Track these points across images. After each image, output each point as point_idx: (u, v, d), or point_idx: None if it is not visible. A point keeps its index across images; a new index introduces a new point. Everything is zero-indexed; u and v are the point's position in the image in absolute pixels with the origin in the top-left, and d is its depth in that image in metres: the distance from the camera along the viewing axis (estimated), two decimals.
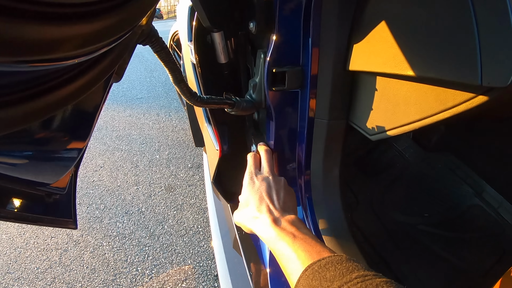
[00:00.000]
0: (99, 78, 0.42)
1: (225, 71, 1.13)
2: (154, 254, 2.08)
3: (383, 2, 0.71)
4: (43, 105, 0.35)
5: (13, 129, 0.33)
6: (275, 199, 0.77)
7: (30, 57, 0.25)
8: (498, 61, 0.54)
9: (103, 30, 0.31)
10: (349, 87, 0.87)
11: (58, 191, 0.67)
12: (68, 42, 0.27)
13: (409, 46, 0.66)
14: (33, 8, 0.23)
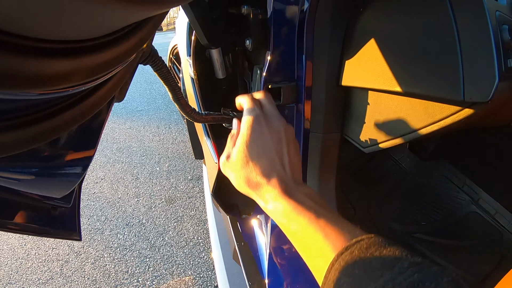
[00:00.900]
0: (102, 101, 0.44)
1: (223, 86, 1.15)
2: (155, 265, 2.10)
3: (372, 20, 0.74)
4: (51, 127, 0.38)
5: (24, 149, 0.36)
6: (287, 162, 0.60)
7: (43, 88, 0.28)
8: (480, 78, 0.57)
9: (110, 60, 0.34)
10: (343, 101, 0.90)
11: (64, 204, 0.69)
12: (78, 73, 0.30)
13: (397, 63, 0.69)
14: (47, 46, 0.26)
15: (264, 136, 0.59)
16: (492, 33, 0.56)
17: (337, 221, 0.48)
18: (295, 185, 0.57)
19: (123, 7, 0.24)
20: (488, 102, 0.57)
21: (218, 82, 1.14)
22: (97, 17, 0.25)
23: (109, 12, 0.25)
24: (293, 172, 0.59)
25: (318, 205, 0.52)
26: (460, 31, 0.58)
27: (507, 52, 0.60)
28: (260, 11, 0.85)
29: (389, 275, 0.37)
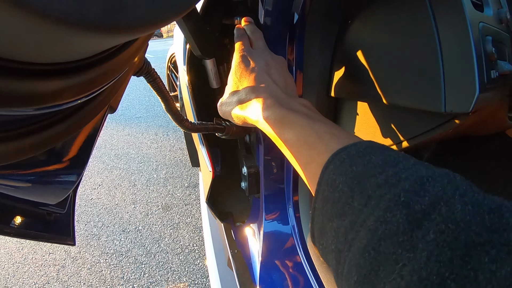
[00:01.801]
0: (94, 113, 0.46)
1: (217, 95, 1.17)
2: (150, 272, 2.11)
3: (359, 33, 0.76)
4: (45, 139, 0.40)
5: (19, 159, 0.38)
6: (277, 78, 0.60)
7: (36, 105, 0.30)
8: (461, 89, 0.59)
9: (100, 76, 0.36)
10: (333, 111, 0.91)
11: (59, 210, 0.71)
12: (69, 91, 0.32)
13: (382, 76, 0.71)
14: (38, 68, 0.28)
15: (249, 62, 0.62)
16: (474, 45, 0.58)
17: (333, 127, 0.46)
18: (289, 96, 0.56)
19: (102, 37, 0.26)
20: (469, 114, 0.59)
21: (212, 92, 1.16)
22: (81, 44, 0.28)
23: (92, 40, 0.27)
24: (286, 86, 0.60)
25: (313, 112, 0.51)
26: (442, 43, 0.60)
27: (490, 63, 0.62)
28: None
29: (392, 170, 0.32)
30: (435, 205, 0.27)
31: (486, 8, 0.71)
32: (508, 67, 0.66)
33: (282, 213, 1.05)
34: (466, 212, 0.26)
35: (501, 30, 0.74)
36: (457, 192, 0.28)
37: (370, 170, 0.34)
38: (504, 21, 0.75)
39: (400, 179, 0.31)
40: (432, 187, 0.29)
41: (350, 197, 0.33)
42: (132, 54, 0.40)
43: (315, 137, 0.44)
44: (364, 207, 0.31)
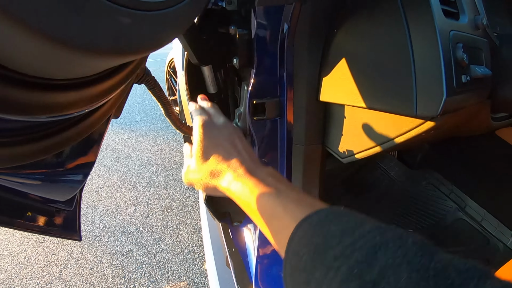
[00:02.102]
0: (101, 120, 0.52)
1: (214, 100, 1.21)
2: (151, 271, 2.15)
3: (344, 40, 0.81)
4: (57, 142, 0.45)
5: (34, 159, 0.43)
6: (242, 148, 0.63)
7: (53, 114, 0.36)
8: (430, 94, 0.64)
9: (109, 88, 0.41)
10: (323, 114, 0.96)
11: (66, 208, 0.76)
12: (82, 101, 0.38)
13: (362, 81, 0.76)
14: (56, 82, 0.34)
15: (214, 132, 0.63)
16: (442, 52, 0.63)
17: (298, 196, 0.49)
18: (255, 165, 0.58)
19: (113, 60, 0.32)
20: (438, 116, 0.64)
21: (210, 97, 1.19)
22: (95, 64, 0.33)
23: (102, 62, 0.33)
24: (250, 156, 0.62)
25: (279, 182, 0.53)
26: (415, 51, 0.65)
27: (461, 68, 0.67)
28: (246, 31, 0.91)
29: (348, 240, 0.35)
30: (384, 274, 0.29)
31: (462, 15, 0.76)
32: (482, 71, 0.71)
33: None
34: (412, 279, 0.28)
35: (477, 36, 0.78)
36: (405, 259, 0.30)
37: (329, 240, 0.37)
38: (480, 27, 0.79)
39: (354, 249, 0.33)
40: (383, 255, 0.31)
41: (312, 267, 0.36)
42: (135, 67, 0.45)
43: (281, 207, 0.47)
44: (324, 278, 0.34)
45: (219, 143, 0.62)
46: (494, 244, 1.47)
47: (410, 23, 0.66)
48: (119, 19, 0.29)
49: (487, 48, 0.83)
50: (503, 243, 1.46)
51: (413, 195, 1.76)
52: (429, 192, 1.75)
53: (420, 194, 1.76)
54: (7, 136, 0.38)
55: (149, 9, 0.33)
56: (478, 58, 0.78)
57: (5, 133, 0.38)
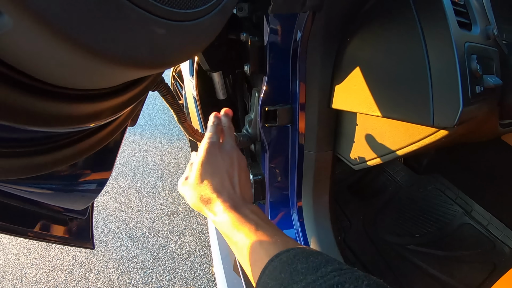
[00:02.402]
0: (119, 129, 0.52)
1: (224, 106, 1.22)
2: (157, 277, 2.14)
3: (358, 49, 0.82)
4: (77, 151, 0.45)
5: (56, 168, 0.43)
6: (237, 182, 0.66)
7: (81, 125, 0.36)
8: (446, 104, 0.64)
9: (133, 97, 0.42)
10: (334, 122, 0.96)
11: (80, 216, 0.76)
12: (106, 112, 0.38)
13: (377, 90, 0.76)
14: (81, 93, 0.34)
15: (217, 159, 0.67)
16: (458, 64, 0.63)
17: (274, 233, 0.54)
18: (242, 202, 0.63)
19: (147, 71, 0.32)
20: (454, 127, 0.65)
21: (219, 103, 1.20)
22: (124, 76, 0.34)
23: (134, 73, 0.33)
24: (242, 192, 0.66)
25: (260, 219, 0.58)
26: (431, 63, 0.66)
27: (475, 79, 0.68)
28: (258, 38, 0.91)
29: (311, 278, 0.41)
30: None
31: (474, 26, 0.77)
32: (494, 81, 0.72)
33: (286, 218, 1.09)
34: None
35: (488, 46, 0.79)
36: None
37: (294, 277, 0.42)
38: (491, 37, 0.80)
39: (315, 286, 0.39)
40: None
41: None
42: (158, 75, 0.45)
43: (258, 243, 0.52)
44: None
45: (217, 172, 0.65)
46: (500, 248, 1.47)
47: (426, 34, 0.66)
48: (156, 30, 0.30)
49: (497, 57, 0.83)
50: (509, 247, 1.46)
51: (419, 200, 1.77)
52: (435, 197, 1.76)
53: (426, 199, 1.76)
54: (25, 146, 0.38)
55: (183, 20, 0.33)
56: (490, 67, 0.78)
57: (23, 143, 0.38)
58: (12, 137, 0.37)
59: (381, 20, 0.76)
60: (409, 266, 1.46)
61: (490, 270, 1.39)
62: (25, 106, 0.29)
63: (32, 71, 0.28)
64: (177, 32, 0.33)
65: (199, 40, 0.38)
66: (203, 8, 0.36)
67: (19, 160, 0.38)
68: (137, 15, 0.27)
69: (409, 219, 1.68)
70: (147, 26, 0.29)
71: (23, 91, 0.29)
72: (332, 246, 1.07)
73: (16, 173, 0.38)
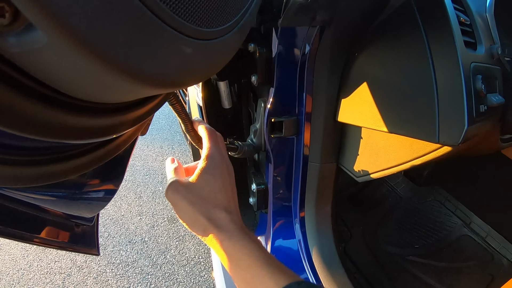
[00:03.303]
0: (131, 139, 0.53)
1: (228, 115, 1.23)
2: (156, 283, 2.13)
3: (366, 64, 0.83)
4: (88, 161, 0.46)
5: (68, 177, 0.44)
6: (233, 199, 0.61)
7: (100, 138, 0.37)
8: (452, 123, 0.66)
9: (149, 110, 0.43)
10: (339, 134, 0.97)
11: (86, 223, 0.77)
12: (125, 125, 0.39)
13: (383, 106, 0.78)
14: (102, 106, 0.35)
15: (224, 173, 0.61)
16: (464, 83, 0.65)
17: (280, 264, 0.53)
18: (237, 227, 0.57)
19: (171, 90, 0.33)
20: (459, 145, 0.66)
21: (224, 112, 1.21)
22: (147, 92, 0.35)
23: None
24: (233, 210, 0.60)
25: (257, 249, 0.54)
26: (438, 81, 0.67)
27: (479, 98, 0.69)
28: (266, 50, 0.92)
29: None
30: None
31: (479, 46, 0.78)
32: (497, 100, 0.73)
33: (289, 228, 1.10)
34: None
35: (492, 65, 0.80)
36: None
37: None
38: (495, 56, 0.82)
39: None
40: None
41: None
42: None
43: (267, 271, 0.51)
44: None
45: (225, 185, 0.60)
46: (498, 260, 1.48)
47: (434, 53, 0.68)
48: (184, 49, 0.30)
49: (500, 74, 0.85)
50: (508, 259, 1.48)
51: (419, 211, 1.78)
52: (435, 208, 1.77)
53: (426, 211, 1.77)
54: (37, 155, 0.39)
55: (208, 38, 0.34)
56: (493, 86, 0.80)
57: (34, 151, 0.39)
58: (23, 145, 0.37)
59: (390, 37, 0.77)
60: (408, 277, 1.46)
61: (488, 282, 1.40)
62: (49, 119, 0.30)
63: (59, 86, 0.29)
64: (202, 50, 0.34)
65: (220, 58, 0.39)
66: (225, 26, 0.37)
67: (30, 168, 0.38)
68: (168, 34, 0.28)
69: (409, 230, 1.68)
70: (177, 45, 0.30)
71: (47, 104, 0.29)
72: (334, 257, 1.07)
73: (27, 182, 0.38)
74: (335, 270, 1.04)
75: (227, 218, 0.56)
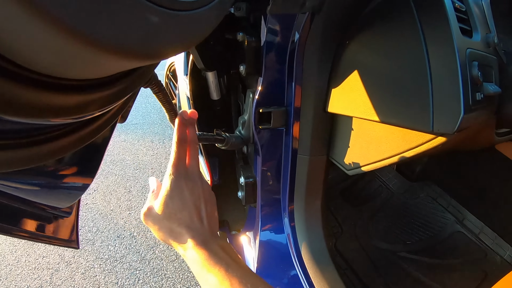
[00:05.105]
0: (108, 124, 0.50)
1: (217, 106, 1.20)
2: (145, 278, 2.11)
3: (357, 52, 0.80)
4: (61, 146, 0.43)
5: (36, 164, 0.41)
6: (204, 215, 0.64)
7: (66, 117, 0.34)
8: (447, 111, 0.63)
9: (121, 91, 0.39)
10: (329, 126, 0.95)
11: (64, 215, 0.74)
12: (93, 104, 0.36)
13: (376, 95, 0.75)
14: (66, 83, 0.32)
15: (184, 192, 0.63)
16: (460, 70, 0.62)
17: (244, 276, 0.54)
18: (211, 237, 0.61)
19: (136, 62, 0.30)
20: (454, 134, 0.63)
21: (212, 103, 1.19)
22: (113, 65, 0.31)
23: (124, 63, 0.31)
24: (210, 225, 0.64)
25: (230, 258, 0.58)
26: (432, 68, 0.65)
27: (476, 86, 0.67)
28: (254, 39, 0.90)
29: None
30: None
31: (475, 33, 0.76)
32: (493, 89, 0.71)
33: (277, 222, 1.08)
34: None
35: (488, 53, 0.78)
36: None
37: None
38: (491, 45, 0.79)
39: None
40: None
41: None
42: (148, 69, 0.43)
43: (228, 284, 0.53)
44: None
45: (185, 206, 0.63)
46: (491, 257, 1.48)
47: (428, 39, 0.65)
48: (150, 17, 0.28)
49: (496, 65, 0.82)
50: (500, 256, 1.47)
51: (411, 207, 1.77)
52: (428, 204, 1.76)
53: (418, 207, 1.76)
54: (8, 138, 0.36)
55: (182, 9, 0.31)
56: (489, 75, 0.78)
57: (6, 135, 0.36)
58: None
59: (382, 24, 0.75)
60: (400, 273, 1.45)
61: (481, 279, 1.39)
62: (6, 94, 0.27)
63: (13, 55, 0.26)
64: (171, 21, 0.31)
65: (194, 33, 0.36)
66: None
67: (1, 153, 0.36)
68: (131, 1, 0.25)
69: (401, 226, 1.67)
70: (141, 13, 0.27)
71: (4, 78, 0.27)
72: (324, 252, 1.05)
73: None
74: (324, 266, 1.02)
75: (188, 234, 0.60)
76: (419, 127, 0.69)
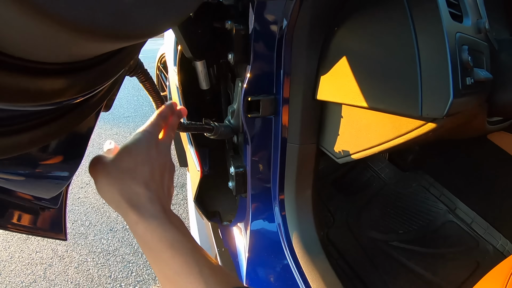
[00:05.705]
0: (90, 112, 0.48)
1: (207, 96, 1.19)
2: (138, 271, 2.11)
3: (345, 38, 0.80)
4: (43, 135, 0.41)
5: (16, 153, 0.40)
6: (166, 184, 0.56)
7: (41, 102, 0.33)
8: (436, 95, 0.62)
9: (100, 76, 0.38)
10: (319, 114, 0.94)
11: (51, 206, 0.73)
12: (71, 89, 0.35)
13: (364, 81, 0.74)
14: (45, 67, 0.30)
15: (151, 150, 0.54)
16: (449, 53, 0.62)
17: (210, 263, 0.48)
18: (170, 209, 0.53)
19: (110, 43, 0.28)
20: (444, 118, 0.63)
21: (202, 93, 1.18)
22: (88, 47, 0.30)
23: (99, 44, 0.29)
24: (169, 195, 0.57)
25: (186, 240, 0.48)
26: (421, 52, 0.64)
27: (466, 70, 0.66)
28: (242, 27, 0.89)
29: None
30: None
31: (466, 18, 0.75)
32: (484, 74, 0.70)
33: (268, 211, 1.08)
34: None
35: (479, 39, 0.78)
36: None
37: None
38: (482, 30, 0.79)
39: None
40: None
41: None
42: (128, 54, 0.42)
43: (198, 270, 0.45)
44: None
45: (148, 161, 0.53)
46: (483, 247, 1.49)
47: (417, 23, 0.64)
48: None
49: (488, 51, 0.82)
50: (493, 245, 1.48)
51: (403, 197, 1.77)
52: (420, 194, 1.76)
53: (410, 196, 1.77)
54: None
55: None
56: (480, 61, 0.77)
57: None
58: None
59: (370, 9, 0.74)
60: (392, 263, 1.45)
61: (473, 268, 1.40)
62: None
63: None
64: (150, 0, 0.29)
65: (174, 13, 0.34)
66: None
67: None
68: None
69: (393, 215, 1.68)
70: None
71: None
72: (315, 242, 1.05)
73: None
74: (315, 255, 1.02)
75: (146, 195, 0.50)
76: (408, 112, 0.68)
